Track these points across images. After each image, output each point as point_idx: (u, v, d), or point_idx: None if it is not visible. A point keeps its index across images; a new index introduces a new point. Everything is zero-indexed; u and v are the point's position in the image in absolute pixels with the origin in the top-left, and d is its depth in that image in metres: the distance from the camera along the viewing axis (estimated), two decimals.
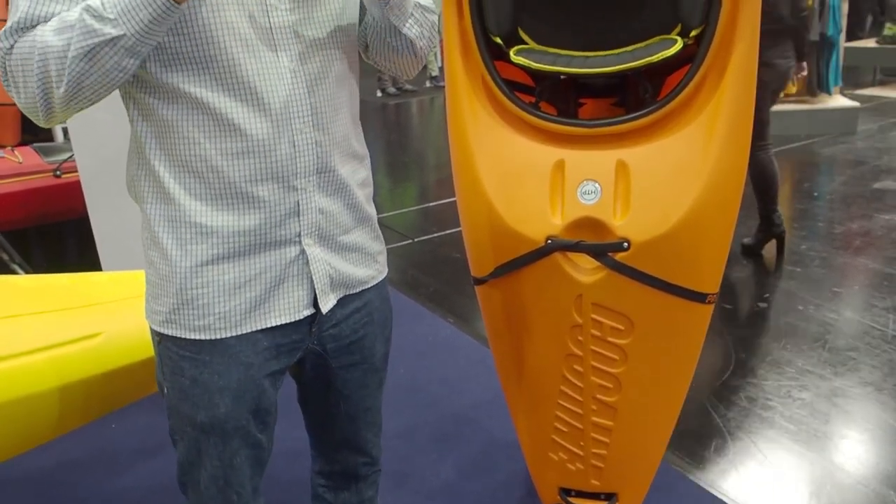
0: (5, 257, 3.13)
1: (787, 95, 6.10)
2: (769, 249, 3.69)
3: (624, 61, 1.54)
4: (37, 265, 3.46)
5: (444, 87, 1.53)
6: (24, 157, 3.43)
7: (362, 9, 1.18)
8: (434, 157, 6.39)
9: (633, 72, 1.55)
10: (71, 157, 3.26)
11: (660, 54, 1.50)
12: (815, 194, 4.60)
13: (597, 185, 1.55)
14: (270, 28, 1.03)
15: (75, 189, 2.83)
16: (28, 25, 0.95)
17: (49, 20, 0.95)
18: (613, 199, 1.54)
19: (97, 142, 2.60)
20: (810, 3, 5.91)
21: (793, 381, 2.57)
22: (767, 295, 3.27)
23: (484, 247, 1.66)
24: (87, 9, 0.91)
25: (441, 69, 9.46)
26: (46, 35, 0.92)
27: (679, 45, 1.51)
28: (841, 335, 2.86)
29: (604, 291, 1.57)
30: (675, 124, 1.55)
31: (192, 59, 0.99)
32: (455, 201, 1.72)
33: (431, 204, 4.94)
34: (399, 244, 4.22)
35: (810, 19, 5.83)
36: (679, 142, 1.54)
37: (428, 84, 9.64)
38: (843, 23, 6.13)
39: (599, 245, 1.53)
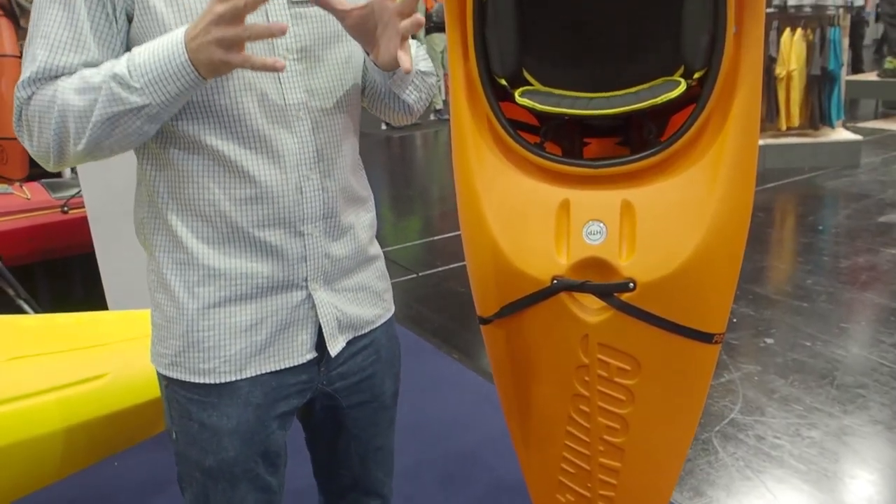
0: (11, 293, 3.14)
1: (789, 128, 6.13)
2: (774, 283, 3.68)
3: (628, 103, 1.55)
4: (42, 300, 3.47)
5: (448, 120, 1.55)
6: (32, 192, 3.45)
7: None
8: (438, 191, 6.41)
9: (638, 113, 1.56)
10: (78, 192, 3.28)
11: (663, 96, 1.51)
12: (820, 228, 4.60)
13: (602, 225, 1.56)
14: (278, 74, 1.05)
15: (82, 225, 2.84)
16: (47, 76, 0.96)
17: (67, 71, 0.96)
18: (619, 239, 1.54)
19: (105, 178, 2.62)
20: (811, 38, 5.99)
21: (801, 418, 2.55)
22: (774, 330, 3.25)
23: (489, 286, 1.66)
24: (114, 76, 0.92)
25: (445, 102, 9.54)
26: (68, 93, 0.93)
27: (682, 87, 1.52)
28: (849, 372, 2.84)
29: (610, 332, 1.57)
30: (680, 165, 1.56)
31: (205, 109, 1.01)
32: (460, 235, 1.73)
33: (436, 238, 4.95)
34: (403, 278, 4.22)
35: (811, 55, 5.91)
36: (684, 182, 1.55)
37: (432, 117, 9.72)
38: (844, 57, 6.18)
39: (605, 285, 1.53)
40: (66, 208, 3.39)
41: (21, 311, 3.12)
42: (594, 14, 1.75)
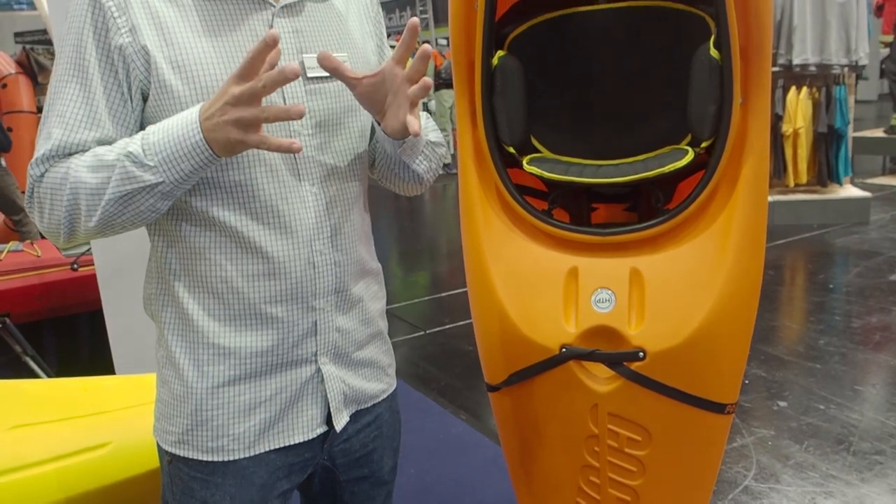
0: (18, 350, 3.13)
1: (797, 185, 6.15)
2: (786, 344, 3.63)
3: (635, 171, 1.56)
4: (50, 357, 3.46)
5: (456, 174, 1.54)
6: (43, 250, 3.48)
7: (372, 129, 1.21)
8: (447, 245, 6.42)
9: (646, 180, 1.57)
10: (88, 250, 3.30)
11: (671, 165, 1.52)
12: (831, 286, 4.56)
13: (611, 293, 1.55)
14: (295, 155, 1.05)
15: (91, 282, 2.85)
16: (61, 153, 0.97)
17: (81, 148, 0.97)
18: (628, 307, 1.53)
19: (115, 237, 2.63)
20: (816, 96, 6.05)
21: (818, 486, 2.48)
22: (787, 392, 3.20)
23: (497, 354, 1.64)
24: (128, 155, 0.92)
25: (454, 156, 9.63)
26: (81, 171, 0.94)
27: (690, 156, 1.53)
28: (866, 437, 2.78)
29: (620, 401, 1.54)
30: (689, 233, 1.56)
31: (218, 185, 1.01)
32: (468, 291, 1.72)
33: (444, 294, 4.94)
34: (410, 336, 4.20)
35: (817, 113, 5.95)
36: (693, 251, 1.54)
37: (441, 171, 9.80)
38: (851, 115, 6.22)
39: (615, 354, 1.52)
40: (75, 266, 3.40)
41: (28, 368, 3.11)
42: (601, 83, 1.77)
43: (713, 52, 1.46)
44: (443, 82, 9.93)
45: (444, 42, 11.19)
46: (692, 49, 1.55)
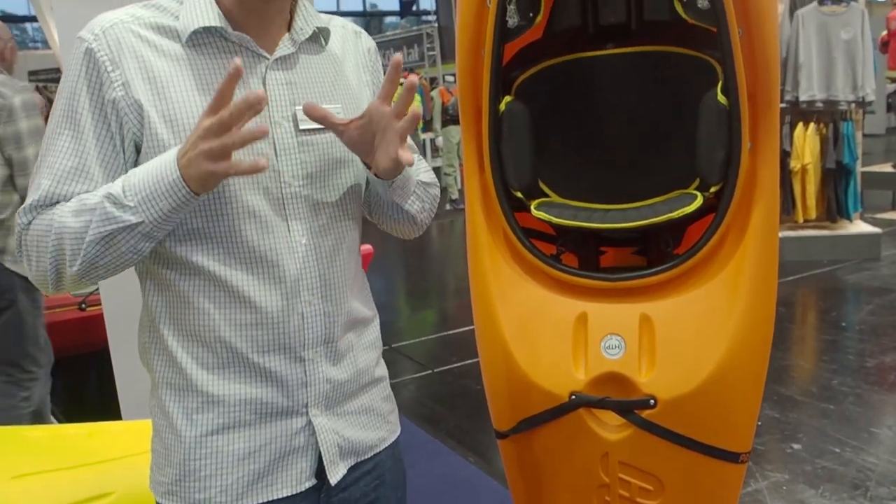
0: None
1: (806, 221, 6.13)
2: (799, 384, 3.59)
3: (644, 217, 1.55)
4: (56, 396, 3.44)
5: (463, 209, 1.54)
6: None
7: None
8: (454, 282, 6.41)
9: (654, 226, 1.56)
10: (96, 290, 3.30)
11: (679, 211, 1.51)
12: (843, 324, 4.51)
13: (621, 339, 1.53)
14: (283, 200, 1.05)
15: (99, 322, 2.84)
16: (49, 203, 0.98)
17: (70, 199, 0.97)
18: (638, 354, 1.51)
19: (122, 276, 2.63)
20: (824, 132, 6.06)
21: None
22: (801, 434, 3.15)
23: (506, 401, 1.62)
24: (108, 196, 0.93)
25: (461, 192, 9.66)
26: (65, 217, 0.95)
27: (699, 201, 1.52)
28: (883, 482, 2.72)
29: (631, 450, 1.51)
30: (699, 278, 1.54)
31: (207, 235, 1.01)
32: (476, 336, 1.70)
33: (452, 332, 4.91)
34: (417, 375, 4.17)
35: (825, 149, 5.96)
36: (703, 296, 1.52)
37: (448, 206, 9.82)
38: (859, 150, 6.22)
39: (625, 402, 1.49)
40: (83, 305, 3.40)
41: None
42: (609, 127, 1.77)
43: (721, 98, 1.46)
44: (450, 118, 10.01)
45: (451, 79, 11.30)
46: (700, 94, 1.55)
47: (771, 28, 1.46)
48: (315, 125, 1.06)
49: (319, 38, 1.12)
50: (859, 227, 6.23)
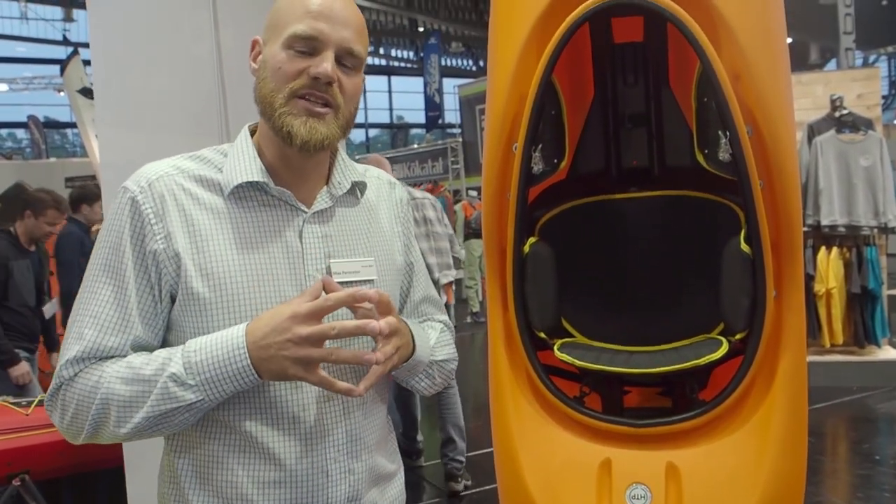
0: None
1: (833, 345, 6.01)
2: None
3: (669, 362, 1.53)
4: None
5: (484, 322, 1.48)
6: None
7: None
8: (473, 399, 6.29)
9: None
10: None
11: (706, 358, 1.49)
12: (877, 457, 4.34)
13: (646, 488, 1.48)
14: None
15: None
16: (93, 356, 0.98)
17: (113, 353, 0.98)
18: None
19: None
20: (847, 256, 6.04)
21: None
22: None
23: None
24: (171, 376, 0.94)
25: (482, 304, 9.66)
26: (114, 383, 0.95)
27: (724, 348, 1.51)
28: None
29: None
30: (727, 426, 1.51)
31: (241, 395, 1.01)
32: (496, 476, 1.65)
33: (470, 454, 4.78)
34: (434, 500, 4.03)
35: (849, 273, 5.92)
36: (731, 446, 1.49)
37: (468, 319, 9.80)
38: (884, 275, 6.18)
39: None
40: None
41: None
42: (632, 268, 1.79)
43: (744, 247, 1.47)
44: (472, 232, 10.15)
45: (474, 193, 11.54)
46: (722, 237, 1.57)
47: (792, 179, 1.49)
48: (349, 278, 1.07)
49: (356, 189, 1.15)
50: (888, 352, 6.10)
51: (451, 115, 20.37)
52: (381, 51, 23.60)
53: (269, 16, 1.06)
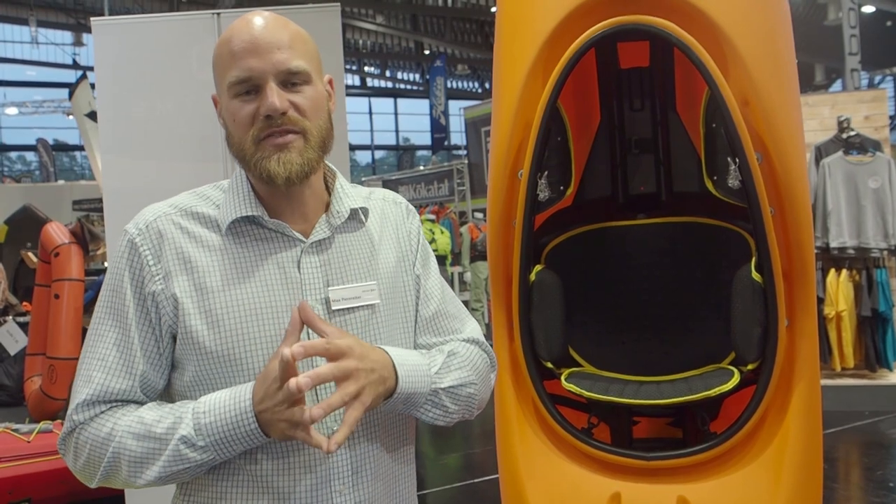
0: None
1: (844, 369, 5.94)
2: None
3: (679, 393, 1.50)
4: None
5: (490, 346, 1.41)
6: None
7: None
8: (480, 425, 6.24)
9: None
10: None
11: (717, 389, 1.46)
12: (892, 485, 4.26)
13: None
14: (316, 390, 1.02)
15: None
16: (103, 399, 0.98)
17: (122, 396, 0.99)
18: None
19: None
20: (857, 278, 5.99)
21: None
22: None
23: None
24: (182, 438, 0.95)
25: (488, 326, 9.60)
26: (125, 437, 0.96)
27: (736, 378, 1.47)
28: None
29: None
30: (738, 460, 1.47)
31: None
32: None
33: (477, 479, 4.72)
34: None
35: (859, 296, 5.87)
36: (744, 480, 1.45)
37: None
38: (894, 298, 6.12)
39: None
40: None
41: None
42: (640, 296, 1.75)
43: (755, 275, 1.44)
44: (478, 254, 10.11)
45: (479, 215, 11.52)
46: (731, 265, 1.54)
47: (803, 206, 1.46)
48: (348, 304, 1.05)
49: (358, 214, 1.12)
50: None
51: (457, 136, 20.46)
52: (388, 73, 23.77)
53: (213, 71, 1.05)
